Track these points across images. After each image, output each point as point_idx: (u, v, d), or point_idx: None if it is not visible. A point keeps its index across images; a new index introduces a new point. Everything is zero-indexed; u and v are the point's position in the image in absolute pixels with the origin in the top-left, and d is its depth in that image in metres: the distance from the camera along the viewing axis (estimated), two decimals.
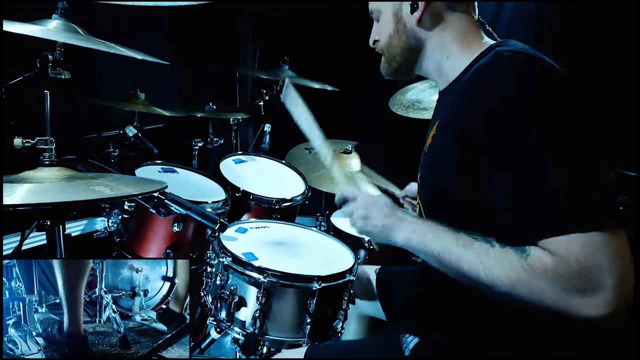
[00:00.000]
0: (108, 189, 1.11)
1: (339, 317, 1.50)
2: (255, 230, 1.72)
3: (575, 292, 0.81)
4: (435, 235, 0.97)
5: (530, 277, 0.85)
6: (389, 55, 1.20)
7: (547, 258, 0.84)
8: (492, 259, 0.89)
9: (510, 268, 0.87)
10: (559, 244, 0.83)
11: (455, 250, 0.93)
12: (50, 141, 1.23)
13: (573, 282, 0.81)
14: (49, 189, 1.10)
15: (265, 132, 2.83)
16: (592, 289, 0.80)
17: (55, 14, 1.51)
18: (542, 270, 0.84)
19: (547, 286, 0.83)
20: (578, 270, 0.81)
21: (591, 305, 0.80)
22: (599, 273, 0.80)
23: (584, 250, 0.81)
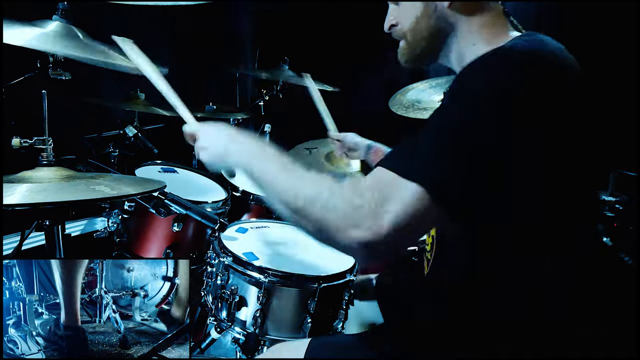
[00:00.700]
0: (108, 189, 1.11)
1: (339, 317, 1.50)
2: (256, 230, 1.72)
3: (356, 211, 0.84)
4: (260, 155, 1.02)
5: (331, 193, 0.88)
6: (413, 40, 1.13)
7: (360, 180, 0.89)
8: (307, 177, 0.94)
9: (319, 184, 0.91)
10: (376, 172, 0.88)
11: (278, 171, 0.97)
12: (48, 141, 1.23)
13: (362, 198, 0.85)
14: (48, 189, 1.10)
15: (265, 132, 2.83)
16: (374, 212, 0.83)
17: (56, 14, 1.51)
18: (346, 186, 0.88)
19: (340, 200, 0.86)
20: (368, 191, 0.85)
21: (363, 227, 0.83)
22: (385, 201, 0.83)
23: (384, 181, 0.85)
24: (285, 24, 3.30)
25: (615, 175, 1.97)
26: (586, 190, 0.99)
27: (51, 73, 1.60)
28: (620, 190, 1.96)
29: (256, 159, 1.02)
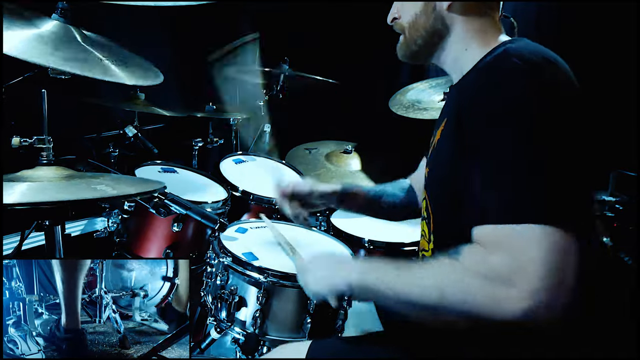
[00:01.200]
0: (109, 188, 1.11)
1: (339, 317, 1.50)
2: (255, 230, 1.72)
3: (500, 283, 0.79)
4: (373, 268, 0.97)
5: (462, 275, 0.83)
6: (410, 36, 1.15)
7: (479, 250, 0.83)
8: (424, 272, 0.88)
9: (439, 272, 0.86)
10: (494, 234, 0.83)
11: (388, 277, 0.92)
12: (48, 140, 1.23)
13: (498, 272, 0.79)
14: (49, 188, 1.10)
15: (265, 132, 2.83)
16: (517, 278, 0.77)
17: (55, 13, 1.51)
18: (471, 263, 0.82)
19: (476, 279, 0.81)
20: (505, 261, 0.79)
21: (515, 297, 0.77)
22: (525, 263, 0.78)
23: (514, 240, 0.80)
24: (285, 24, 3.30)
25: (615, 175, 1.97)
26: (591, 189, 0.99)
27: (51, 73, 1.60)
28: (620, 190, 1.96)
29: (363, 274, 0.97)
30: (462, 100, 0.99)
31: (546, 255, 0.78)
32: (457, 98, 1.07)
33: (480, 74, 0.99)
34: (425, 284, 0.86)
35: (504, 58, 0.96)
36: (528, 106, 0.87)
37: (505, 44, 1.03)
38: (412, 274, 0.90)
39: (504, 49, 0.98)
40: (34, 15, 1.46)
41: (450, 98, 1.19)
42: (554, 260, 0.78)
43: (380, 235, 1.95)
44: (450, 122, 1.06)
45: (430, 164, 1.16)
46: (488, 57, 1.01)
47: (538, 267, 0.77)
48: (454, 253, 0.87)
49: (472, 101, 0.96)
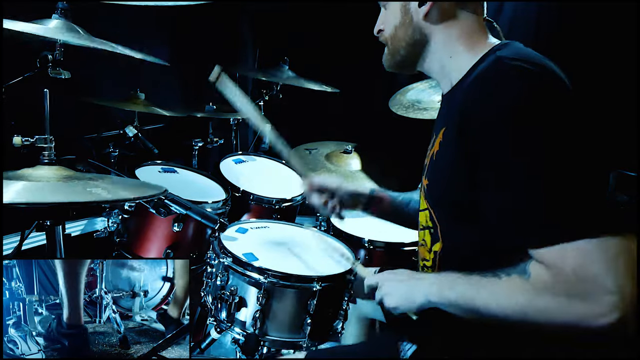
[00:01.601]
0: (105, 192, 1.11)
1: (339, 317, 1.50)
2: (256, 231, 1.72)
3: (578, 301, 0.81)
4: (451, 285, 0.98)
5: (534, 296, 0.85)
6: (393, 47, 1.17)
7: (545, 272, 0.85)
8: (500, 291, 0.90)
9: (517, 294, 0.88)
10: (554, 255, 0.84)
11: (469, 294, 0.94)
12: (50, 140, 1.23)
13: (573, 291, 0.82)
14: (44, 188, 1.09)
15: None
16: (594, 296, 0.80)
17: (55, 13, 1.51)
18: (543, 286, 0.85)
19: (551, 301, 0.84)
20: (575, 279, 0.81)
21: (599, 312, 0.79)
22: (596, 278, 0.80)
23: (578, 258, 0.81)
24: (285, 24, 3.30)
25: (615, 175, 1.97)
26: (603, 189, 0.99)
27: (51, 72, 1.60)
28: (620, 190, 1.96)
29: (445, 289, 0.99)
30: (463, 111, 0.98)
31: (610, 265, 0.80)
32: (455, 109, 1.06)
33: (477, 83, 0.98)
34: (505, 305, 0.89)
35: (498, 65, 0.96)
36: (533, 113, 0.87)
37: (495, 50, 1.03)
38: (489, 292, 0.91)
39: (498, 56, 0.98)
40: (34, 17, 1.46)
41: (446, 108, 1.18)
42: (618, 267, 0.80)
43: (380, 235, 1.95)
44: (450, 133, 1.04)
45: (430, 174, 1.15)
46: (481, 66, 1.00)
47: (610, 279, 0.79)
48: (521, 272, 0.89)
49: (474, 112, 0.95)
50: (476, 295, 0.92)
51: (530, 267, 0.87)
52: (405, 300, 1.05)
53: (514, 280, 0.89)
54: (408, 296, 1.05)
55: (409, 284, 1.06)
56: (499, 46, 1.05)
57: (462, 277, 0.97)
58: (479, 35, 1.09)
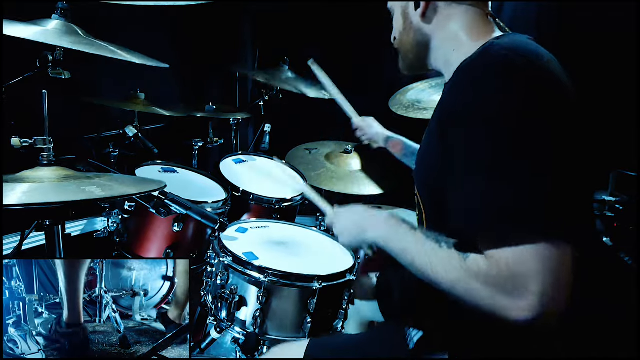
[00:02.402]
0: (99, 190, 1.11)
1: (339, 317, 1.50)
2: (256, 230, 1.72)
3: (503, 294, 0.84)
4: (398, 236, 1.04)
5: (466, 278, 0.89)
6: (402, 52, 1.22)
7: (482, 261, 0.88)
8: (438, 259, 0.94)
9: (451, 269, 0.91)
10: (493, 248, 0.87)
11: (411, 251, 0.99)
12: (49, 141, 1.23)
13: (502, 285, 0.85)
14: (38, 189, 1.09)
15: (265, 132, 2.83)
16: (519, 293, 0.83)
17: (55, 14, 1.51)
18: (477, 272, 0.88)
19: (480, 287, 0.87)
20: (507, 274, 0.84)
21: (517, 308, 0.83)
22: (525, 279, 0.83)
23: (514, 256, 0.84)
24: (285, 24, 3.30)
25: (615, 175, 1.97)
26: (585, 189, 0.99)
27: (51, 72, 1.61)
28: (620, 190, 1.96)
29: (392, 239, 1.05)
30: (442, 100, 1.02)
31: (544, 268, 0.82)
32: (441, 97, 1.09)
33: (459, 71, 0.99)
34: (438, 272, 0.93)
35: (483, 53, 0.96)
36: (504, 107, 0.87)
37: (491, 41, 1.02)
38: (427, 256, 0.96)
39: (487, 46, 0.98)
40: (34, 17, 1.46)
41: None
42: (552, 272, 0.83)
43: None
44: (432, 121, 1.08)
45: (417, 160, 1.20)
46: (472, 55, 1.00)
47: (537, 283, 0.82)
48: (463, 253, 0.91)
49: (448, 100, 0.98)
50: (416, 256, 0.97)
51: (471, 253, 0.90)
52: (355, 240, 1.17)
53: (452, 255, 0.92)
54: (358, 237, 1.15)
55: (360, 226, 1.14)
56: (496, 37, 1.05)
57: (409, 233, 1.02)
58: (482, 28, 1.09)
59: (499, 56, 0.92)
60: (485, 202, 0.88)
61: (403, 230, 1.03)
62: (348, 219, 1.20)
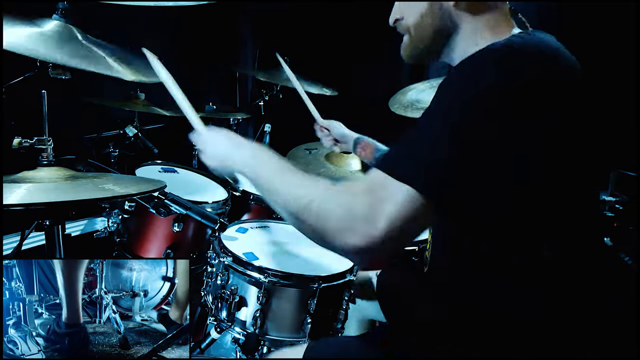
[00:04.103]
0: (117, 187, 1.12)
1: (340, 317, 1.50)
2: (256, 230, 1.72)
3: (353, 218, 0.86)
4: (264, 164, 1.04)
5: (325, 197, 0.91)
6: (417, 36, 1.12)
7: (357, 182, 0.91)
8: (308, 179, 0.96)
9: (316, 186, 0.94)
10: (375, 175, 0.88)
11: (277, 176, 1.00)
12: (48, 141, 1.23)
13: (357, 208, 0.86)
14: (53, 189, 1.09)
15: (265, 132, 2.83)
16: (365, 219, 0.85)
17: (56, 14, 1.51)
18: (343, 188, 0.90)
19: (339, 198, 0.89)
20: (366, 199, 0.86)
21: (359, 232, 0.85)
22: (378, 209, 0.84)
23: (378, 183, 0.86)
24: (285, 24, 3.30)
25: (615, 175, 1.97)
26: (586, 189, 0.99)
27: (51, 73, 1.60)
28: (620, 190, 1.96)
29: (255, 164, 1.05)
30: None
31: (396, 213, 0.84)
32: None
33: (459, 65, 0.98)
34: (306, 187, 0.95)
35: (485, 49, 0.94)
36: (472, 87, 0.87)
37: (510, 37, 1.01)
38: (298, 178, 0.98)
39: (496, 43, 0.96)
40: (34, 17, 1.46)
41: None
42: (400, 219, 0.84)
43: None
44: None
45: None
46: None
47: (384, 221, 0.84)
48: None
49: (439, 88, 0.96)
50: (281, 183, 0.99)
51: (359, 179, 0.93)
52: (221, 165, 1.16)
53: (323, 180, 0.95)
54: (224, 162, 1.14)
55: (228, 151, 1.14)
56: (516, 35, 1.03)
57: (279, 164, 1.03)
58: (504, 25, 1.07)
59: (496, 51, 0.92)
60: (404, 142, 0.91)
61: (273, 156, 1.04)
62: (218, 142, 1.18)
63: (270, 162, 1.04)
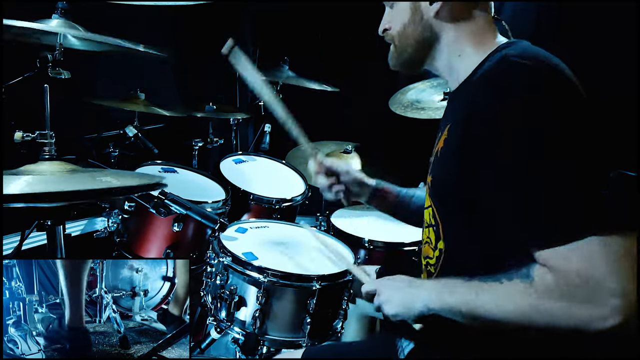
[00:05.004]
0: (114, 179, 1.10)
1: (339, 317, 1.50)
2: (255, 230, 1.72)
3: (582, 304, 0.81)
4: (451, 290, 0.98)
5: (538, 300, 0.85)
6: (400, 45, 1.15)
7: (549, 276, 0.85)
8: (502, 295, 0.90)
9: (519, 298, 0.87)
10: (557, 258, 0.84)
11: (470, 299, 0.93)
12: (51, 135, 1.22)
13: (577, 295, 0.81)
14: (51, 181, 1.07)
15: (265, 132, 2.83)
16: (598, 299, 0.80)
17: (55, 13, 1.51)
18: (546, 289, 0.84)
19: (555, 304, 0.83)
20: (579, 281, 0.81)
21: (599, 317, 0.80)
22: (600, 281, 0.80)
23: (582, 261, 0.81)
24: (285, 24, 3.29)
25: (615, 175, 1.97)
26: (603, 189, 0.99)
27: (50, 72, 1.61)
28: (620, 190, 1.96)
29: (447, 297, 0.98)
30: (468, 110, 0.98)
31: (613, 267, 0.80)
32: (460, 106, 1.06)
33: (483, 82, 0.98)
34: (507, 310, 0.89)
35: (504, 63, 0.95)
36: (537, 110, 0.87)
37: (502, 48, 1.03)
38: (491, 296, 0.91)
39: (504, 54, 0.98)
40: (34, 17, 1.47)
41: (452, 106, 1.18)
42: (621, 269, 0.80)
43: (380, 235, 1.95)
44: (455, 131, 1.04)
45: (434, 172, 1.14)
46: (487, 64, 1.00)
47: (613, 282, 0.79)
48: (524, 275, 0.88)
49: (479, 110, 0.95)
50: (476, 300, 0.92)
51: (533, 271, 0.87)
52: (404, 308, 1.05)
53: (516, 284, 0.88)
54: (407, 304, 1.04)
55: (408, 292, 1.06)
56: (505, 44, 1.05)
57: (461, 282, 0.96)
58: (488, 34, 1.09)
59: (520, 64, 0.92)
60: (537, 211, 0.86)
61: (454, 283, 0.98)
62: (394, 288, 1.10)
63: (453, 287, 0.97)
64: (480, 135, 0.93)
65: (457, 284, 0.97)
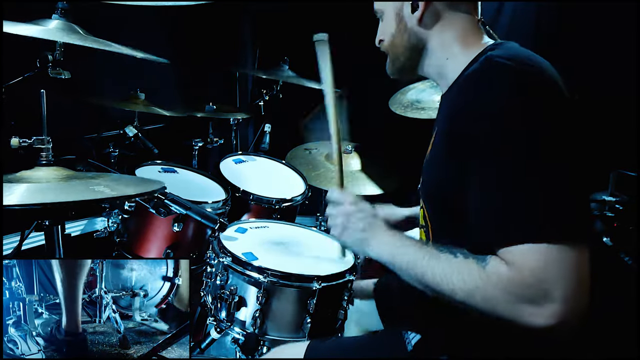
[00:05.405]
0: (108, 189, 1.11)
1: (339, 317, 1.50)
2: (255, 230, 1.72)
3: (525, 302, 0.84)
4: (405, 249, 1.01)
5: (485, 285, 0.88)
6: (393, 54, 1.20)
7: (503, 268, 0.87)
8: (453, 269, 0.92)
9: (468, 277, 0.90)
10: (516, 254, 0.86)
11: (420, 263, 0.97)
12: (48, 141, 1.22)
13: (524, 291, 0.84)
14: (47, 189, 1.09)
15: (265, 132, 2.83)
16: (542, 300, 0.83)
17: (55, 14, 1.51)
18: (497, 279, 0.87)
19: (500, 294, 0.86)
20: (530, 280, 0.84)
21: (540, 315, 0.83)
22: (549, 285, 0.82)
23: (538, 262, 0.84)
24: (285, 24, 3.29)
25: (615, 175, 1.97)
26: (588, 191, 0.99)
27: (50, 72, 1.61)
28: (620, 190, 1.96)
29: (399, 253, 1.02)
30: (452, 111, 1.01)
31: (566, 274, 0.82)
32: (445, 107, 1.08)
33: (467, 83, 1.00)
34: (454, 282, 0.91)
35: (488, 65, 0.96)
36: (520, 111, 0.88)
37: (488, 50, 1.04)
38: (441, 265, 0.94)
39: (488, 55, 0.98)
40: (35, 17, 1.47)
41: (441, 108, 1.20)
42: (574, 278, 0.83)
43: None
44: (441, 133, 1.06)
45: (424, 175, 1.17)
46: (473, 66, 1.01)
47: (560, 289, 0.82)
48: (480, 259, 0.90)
49: (461, 111, 0.96)
50: (426, 266, 0.95)
51: (490, 259, 0.89)
52: (358, 247, 1.12)
53: (469, 263, 0.91)
54: (361, 244, 1.11)
55: (367, 234, 1.10)
56: (492, 46, 1.06)
57: (417, 245, 1.00)
58: (474, 36, 1.11)
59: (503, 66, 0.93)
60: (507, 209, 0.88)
61: (411, 244, 1.02)
62: (352, 219, 1.13)
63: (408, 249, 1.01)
64: (462, 137, 0.94)
65: (412, 245, 1.01)
